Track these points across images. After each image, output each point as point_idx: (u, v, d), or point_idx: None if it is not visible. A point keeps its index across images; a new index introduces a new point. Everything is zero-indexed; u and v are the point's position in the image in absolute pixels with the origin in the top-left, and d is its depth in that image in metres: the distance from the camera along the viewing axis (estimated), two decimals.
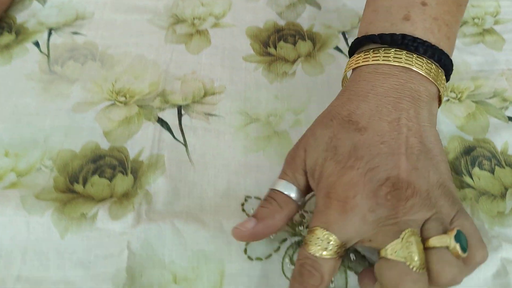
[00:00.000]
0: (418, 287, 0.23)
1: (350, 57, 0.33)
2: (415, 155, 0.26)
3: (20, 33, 0.44)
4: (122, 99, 0.40)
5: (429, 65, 0.29)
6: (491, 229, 0.32)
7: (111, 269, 0.30)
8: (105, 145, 0.37)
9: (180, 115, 0.39)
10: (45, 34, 0.44)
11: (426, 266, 0.24)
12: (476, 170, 0.35)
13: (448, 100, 0.40)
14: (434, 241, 0.24)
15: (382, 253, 0.25)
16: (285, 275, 0.30)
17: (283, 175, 0.29)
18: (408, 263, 0.23)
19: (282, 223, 0.28)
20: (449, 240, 0.24)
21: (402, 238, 0.24)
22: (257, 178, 0.35)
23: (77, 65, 0.42)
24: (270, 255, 0.31)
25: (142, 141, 0.37)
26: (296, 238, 0.32)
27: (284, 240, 0.31)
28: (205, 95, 0.40)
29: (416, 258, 0.24)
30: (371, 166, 0.25)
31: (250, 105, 0.40)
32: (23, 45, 0.43)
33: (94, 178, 0.35)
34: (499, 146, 0.37)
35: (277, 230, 0.29)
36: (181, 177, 0.35)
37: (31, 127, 0.38)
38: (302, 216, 0.33)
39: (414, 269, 0.23)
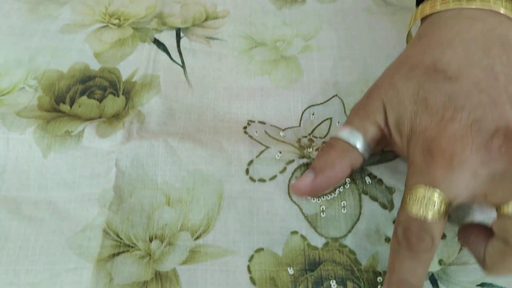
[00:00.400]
0: None
1: (418, 4, 0.29)
2: None
3: None
4: (116, 21, 0.36)
5: None
6: None
7: (97, 190, 0.27)
8: (95, 66, 0.34)
9: (178, 38, 0.35)
10: None
11: None
12: None
13: None
14: None
15: (505, 210, 0.21)
16: (291, 198, 0.27)
17: (347, 124, 0.26)
18: None
19: (344, 174, 0.25)
20: None
21: None
22: (262, 102, 0.32)
23: None
24: (275, 176, 0.28)
25: (136, 62, 0.34)
26: (304, 160, 0.28)
27: (291, 161, 0.28)
28: (206, 19, 0.37)
29: None
30: (475, 117, 0.22)
31: (256, 30, 0.36)
32: None
33: (82, 99, 0.31)
34: None
35: (339, 182, 0.26)
36: (178, 98, 0.31)
37: (15, 47, 0.34)
38: (311, 140, 0.29)
39: None
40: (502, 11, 0.25)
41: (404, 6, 0.37)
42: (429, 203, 0.21)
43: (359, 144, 0.25)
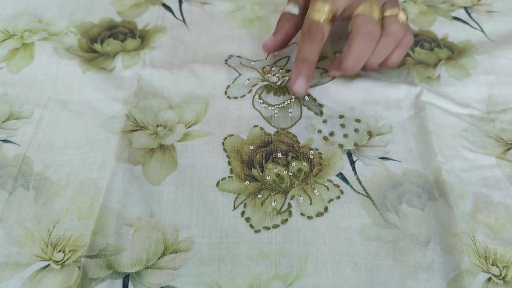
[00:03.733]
0: (375, 28, 0.34)
1: None
2: None
3: None
4: None
5: None
6: (420, 84, 0.40)
7: (121, 94, 0.39)
8: (118, 19, 0.46)
9: (180, 2, 0.48)
10: None
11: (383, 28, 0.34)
12: (417, 49, 0.43)
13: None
14: (387, 12, 0.35)
15: (355, 13, 0.35)
16: (254, 107, 0.39)
17: (288, 2, 0.40)
18: (370, 15, 0.34)
19: (293, 31, 0.40)
20: (397, 11, 0.35)
21: (369, 3, 0.34)
22: (240, 45, 0.44)
23: None
24: (244, 95, 0.40)
25: (148, 18, 0.46)
26: (265, 83, 0.40)
27: (255, 84, 0.40)
28: None
29: (376, 13, 0.34)
30: None
31: None
32: None
33: (109, 40, 0.43)
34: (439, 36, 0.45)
35: (291, 37, 0.40)
36: (179, 37, 0.44)
37: (60, 7, 0.47)
38: (270, 67, 0.41)
39: (374, 18, 0.34)
40: None
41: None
42: (321, 12, 0.35)
43: (297, 11, 0.40)
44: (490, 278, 0.29)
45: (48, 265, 0.29)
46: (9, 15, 0.46)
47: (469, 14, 0.47)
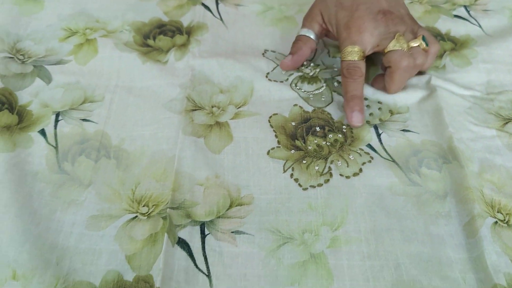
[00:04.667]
0: (410, 61, 0.41)
1: None
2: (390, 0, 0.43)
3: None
4: None
5: None
6: (428, 72, 0.47)
7: (178, 81, 0.45)
8: (165, 19, 0.52)
9: (217, 3, 0.55)
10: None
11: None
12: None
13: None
14: (412, 43, 0.42)
15: (387, 50, 0.41)
16: (293, 89, 0.45)
17: (303, 26, 0.46)
18: (402, 49, 0.40)
19: (308, 52, 0.46)
20: (419, 41, 0.41)
21: (396, 38, 0.41)
22: (271, 41, 0.51)
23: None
24: (282, 81, 0.46)
25: (191, 17, 0.53)
26: (300, 73, 0.47)
27: (291, 74, 0.47)
28: None
29: (405, 46, 0.41)
30: (367, 6, 0.42)
31: None
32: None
33: (160, 37, 0.50)
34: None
35: (306, 58, 0.46)
36: (219, 34, 0.51)
37: (109, 7, 0.53)
38: (304, 63, 0.48)
39: (406, 51, 0.41)
40: None
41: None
42: (353, 52, 0.41)
43: (312, 36, 0.46)
44: (496, 222, 0.36)
45: (136, 216, 0.36)
46: (68, 15, 0.52)
47: (468, 12, 0.55)
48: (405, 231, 0.35)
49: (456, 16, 0.55)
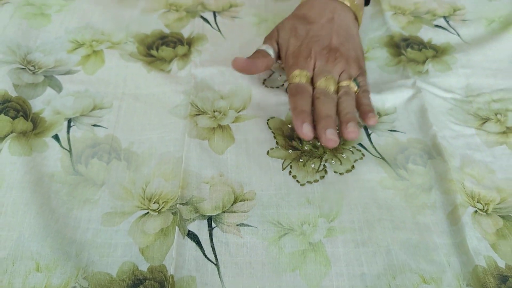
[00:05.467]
0: (329, 99, 0.42)
1: None
2: (342, 36, 0.47)
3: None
4: (174, 8, 0.59)
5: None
6: (412, 76, 0.51)
7: (182, 88, 0.49)
8: (166, 31, 0.56)
9: (215, 16, 0.58)
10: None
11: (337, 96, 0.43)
12: (409, 50, 0.55)
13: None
14: (343, 82, 0.44)
15: (315, 85, 0.44)
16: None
17: (264, 42, 0.49)
18: (327, 89, 0.43)
19: (262, 66, 0.46)
20: (349, 82, 0.44)
21: (326, 78, 0.44)
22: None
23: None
24: (278, 87, 0.50)
25: (191, 28, 0.56)
26: None
27: (286, 80, 0.51)
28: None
29: (332, 88, 0.43)
30: (318, 40, 0.46)
31: None
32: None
33: (162, 47, 0.53)
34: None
35: (258, 71, 0.46)
36: (218, 43, 0.54)
37: (114, 20, 0.56)
38: None
39: (330, 91, 0.43)
40: (347, 3, 0.49)
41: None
42: (301, 76, 0.44)
43: (270, 52, 0.47)
44: (476, 211, 0.39)
45: (148, 212, 0.39)
46: (75, 28, 0.55)
47: (447, 22, 0.59)
48: (394, 220, 0.39)
49: (436, 26, 0.59)
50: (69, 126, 0.45)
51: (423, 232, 0.38)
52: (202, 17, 0.58)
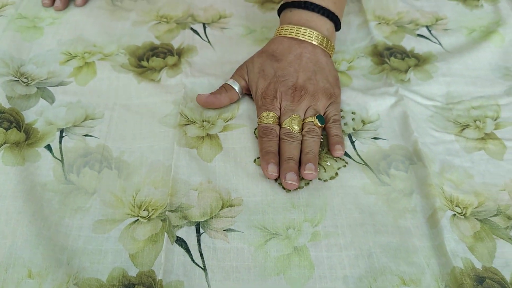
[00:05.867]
0: (292, 139, 0.44)
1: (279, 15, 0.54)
2: (309, 71, 0.48)
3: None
4: (165, 20, 0.60)
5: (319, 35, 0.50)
6: (395, 84, 0.53)
7: (171, 98, 0.50)
8: (157, 43, 0.57)
9: (204, 27, 0.60)
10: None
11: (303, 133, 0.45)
12: (392, 59, 0.57)
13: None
14: (307, 119, 0.46)
15: (281, 125, 0.45)
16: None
17: (232, 77, 0.50)
18: (291, 129, 0.45)
19: (226, 100, 0.49)
20: (313, 118, 0.45)
21: (291, 118, 0.45)
22: None
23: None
24: None
25: (181, 39, 0.58)
26: None
27: None
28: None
29: (296, 127, 0.45)
30: (284, 79, 0.47)
31: None
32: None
33: (153, 58, 0.55)
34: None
35: (222, 105, 0.49)
36: (208, 54, 0.56)
37: (106, 32, 0.58)
38: None
39: (294, 131, 0.45)
40: (307, 40, 0.50)
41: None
42: (269, 117, 0.46)
43: (236, 87, 0.49)
44: (454, 214, 0.41)
45: (137, 219, 0.40)
46: (68, 40, 0.56)
47: (429, 31, 0.62)
48: (376, 225, 0.40)
49: (419, 35, 0.61)
50: (61, 137, 0.46)
51: (403, 235, 0.40)
52: (192, 28, 0.60)
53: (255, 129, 0.48)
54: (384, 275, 0.37)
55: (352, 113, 0.50)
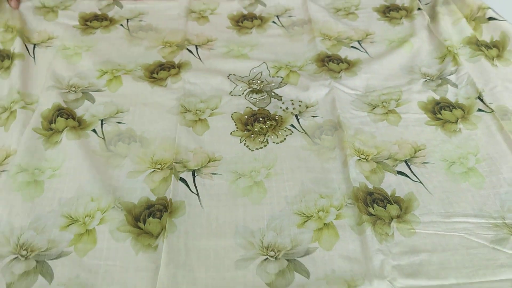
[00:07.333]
0: None
1: None
2: None
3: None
4: None
5: None
6: (330, 79, 0.76)
7: (174, 96, 0.74)
8: (163, 61, 0.82)
9: (197, 49, 0.84)
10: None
11: None
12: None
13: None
14: None
15: None
16: (246, 99, 0.74)
17: None
18: None
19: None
20: None
21: None
22: (235, 66, 0.80)
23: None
24: (240, 95, 0.75)
25: (178, 58, 0.82)
26: (250, 89, 0.76)
27: (245, 90, 0.76)
28: None
29: None
30: None
31: None
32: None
33: (161, 72, 0.79)
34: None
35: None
36: (198, 67, 0.79)
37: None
38: (252, 80, 0.77)
39: None
40: None
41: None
42: None
43: None
44: (359, 159, 0.63)
45: (154, 170, 0.63)
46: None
47: (360, 44, 0.85)
48: (308, 167, 0.63)
49: (352, 47, 0.85)
50: (102, 124, 0.69)
51: (325, 172, 0.62)
52: (187, 49, 0.84)
53: (232, 114, 0.71)
54: (309, 194, 0.59)
55: (300, 101, 0.73)
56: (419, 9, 0.92)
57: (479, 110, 0.70)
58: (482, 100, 0.71)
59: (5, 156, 0.63)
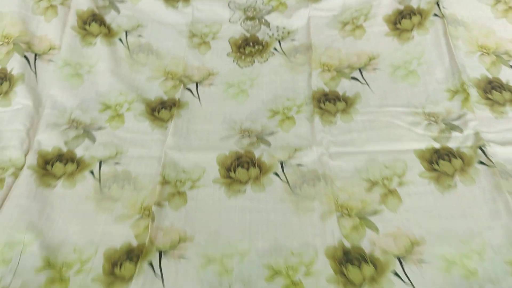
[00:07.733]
0: None
1: None
2: None
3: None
4: None
5: None
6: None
7: (184, 21, 0.94)
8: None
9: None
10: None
11: None
12: None
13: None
14: None
15: None
16: (241, 26, 0.93)
17: None
18: None
19: None
20: None
21: None
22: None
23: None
24: (236, 21, 0.94)
25: None
26: (245, 16, 0.94)
27: (242, 17, 0.94)
28: None
29: None
30: None
31: None
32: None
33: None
34: None
35: None
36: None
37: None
38: (248, 7, 0.95)
39: None
40: None
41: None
42: None
43: None
44: (322, 70, 0.82)
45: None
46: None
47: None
48: (282, 79, 0.83)
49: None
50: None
51: (294, 82, 0.83)
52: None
53: (229, 39, 0.90)
54: (280, 98, 0.80)
55: (284, 27, 0.90)
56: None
57: (435, 15, 0.83)
58: (438, 5, 0.84)
59: (49, 47, 0.83)
